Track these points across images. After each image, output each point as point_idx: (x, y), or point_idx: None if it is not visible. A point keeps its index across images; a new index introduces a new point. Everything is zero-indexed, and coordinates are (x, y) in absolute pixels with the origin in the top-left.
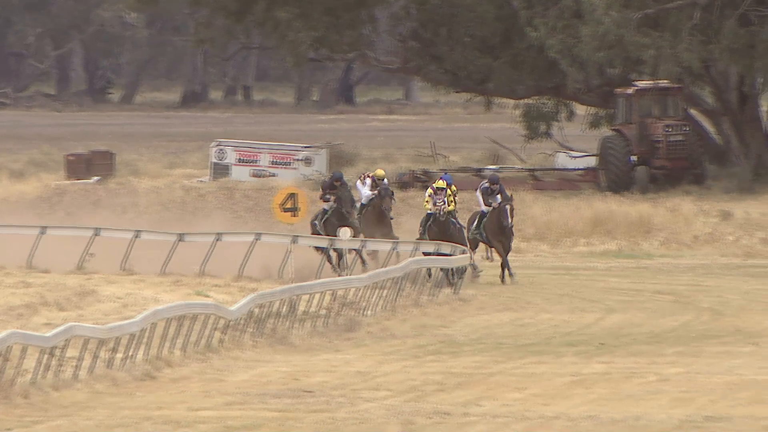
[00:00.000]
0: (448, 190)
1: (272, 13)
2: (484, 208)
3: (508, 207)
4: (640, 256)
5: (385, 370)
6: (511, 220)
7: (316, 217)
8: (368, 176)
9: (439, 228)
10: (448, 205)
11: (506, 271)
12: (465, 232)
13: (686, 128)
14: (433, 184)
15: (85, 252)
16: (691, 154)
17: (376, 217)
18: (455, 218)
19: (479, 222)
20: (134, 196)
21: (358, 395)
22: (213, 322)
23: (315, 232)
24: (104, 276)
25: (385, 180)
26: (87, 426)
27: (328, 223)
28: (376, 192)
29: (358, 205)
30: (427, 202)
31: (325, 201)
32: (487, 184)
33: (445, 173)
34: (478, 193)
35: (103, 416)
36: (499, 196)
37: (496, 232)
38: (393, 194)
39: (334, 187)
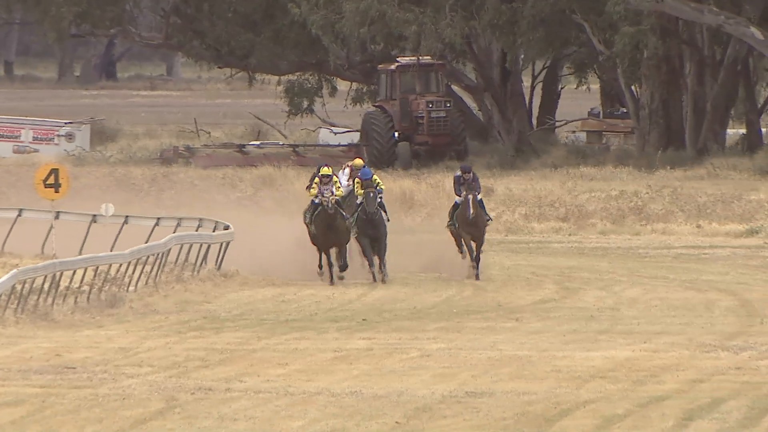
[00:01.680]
0: (335, 177)
1: None
2: (457, 198)
3: (470, 197)
4: (402, 232)
5: (148, 346)
6: (473, 211)
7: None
8: (348, 165)
9: (326, 221)
10: (337, 192)
11: (478, 267)
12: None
13: (448, 104)
14: (319, 172)
15: None
16: (453, 130)
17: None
18: (385, 210)
19: (453, 212)
20: None
21: (120, 371)
22: None
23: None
24: None
25: (371, 171)
26: None
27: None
28: (354, 186)
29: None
30: (313, 188)
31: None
32: (459, 173)
33: (364, 167)
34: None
35: None
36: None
37: (464, 223)
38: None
39: None
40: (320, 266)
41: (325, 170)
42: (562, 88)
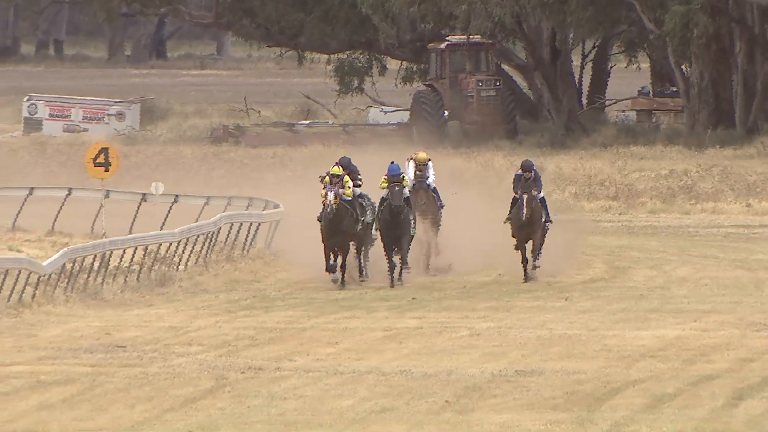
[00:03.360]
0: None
1: None
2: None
3: (525, 196)
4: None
5: (198, 325)
6: (527, 212)
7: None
8: (412, 159)
9: (328, 223)
10: (346, 191)
11: (527, 268)
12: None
13: (498, 83)
14: (330, 170)
15: None
16: (503, 109)
17: (419, 212)
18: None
19: (512, 208)
20: None
21: (170, 350)
22: (25, 277)
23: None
24: None
25: (430, 163)
26: None
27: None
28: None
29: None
30: (322, 190)
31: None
32: (519, 172)
33: (392, 163)
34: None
35: None
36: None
37: (517, 224)
38: (430, 185)
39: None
40: (327, 267)
41: (336, 170)
42: (611, 67)
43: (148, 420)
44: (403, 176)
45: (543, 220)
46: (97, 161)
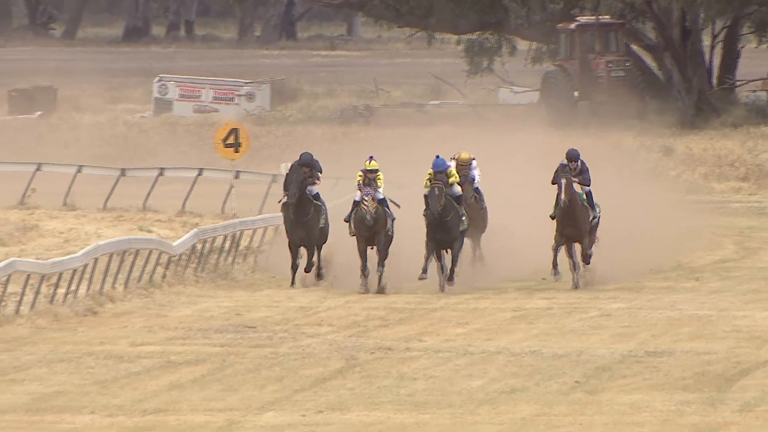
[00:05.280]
0: (378, 174)
1: None
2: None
3: (564, 180)
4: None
5: (328, 305)
6: (565, 197)
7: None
8: (454, 159)
9: (363, 228)
10: (379, 186)
11: (575, 273)
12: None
13: (628, 64)
14: (364, 166)
15: (27, 187)
16: (633, 89)
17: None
18: (457, 203)
19: (556, 204)
20: (76, 131)
21: (300, 330)
22: (156, 257)
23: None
24: (46, 211)
25: (474, 163)
26: (29, 361)
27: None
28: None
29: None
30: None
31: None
32: (564, 161)
33: (438, 156)
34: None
35: (45, 351)
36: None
37: (560, 218)
38: (474, 179)
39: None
40: (363, 271)
41: (373, 164)
42: (742, 47)
43: (279, 400)
44: (451, 171)
45: (591, 219)
46: (227, 142)
